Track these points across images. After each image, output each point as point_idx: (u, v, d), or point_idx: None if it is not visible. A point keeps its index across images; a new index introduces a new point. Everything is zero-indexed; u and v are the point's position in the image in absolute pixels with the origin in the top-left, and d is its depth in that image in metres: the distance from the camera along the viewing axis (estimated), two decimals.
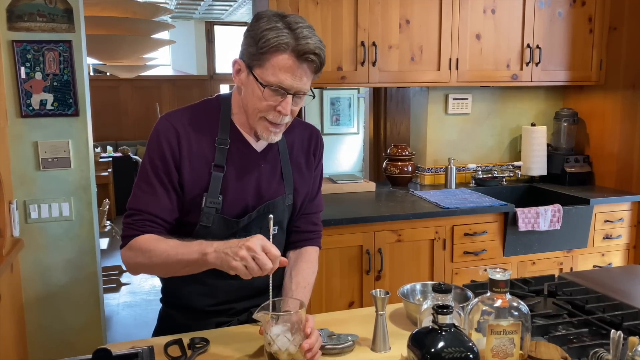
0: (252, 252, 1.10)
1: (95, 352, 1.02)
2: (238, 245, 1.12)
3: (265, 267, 1.10)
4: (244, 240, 1.12)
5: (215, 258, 1.15)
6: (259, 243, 1.11)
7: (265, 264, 1.10)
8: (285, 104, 1.26)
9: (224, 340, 1.31)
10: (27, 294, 2.51)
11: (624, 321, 1.33)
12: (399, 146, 3.28)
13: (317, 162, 1.52)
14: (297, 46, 1.20)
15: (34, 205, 2.47)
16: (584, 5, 3.11)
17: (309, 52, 1.21)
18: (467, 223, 2.71)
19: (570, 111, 3.33)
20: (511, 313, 1.05)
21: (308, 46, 1.21)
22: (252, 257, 1.10)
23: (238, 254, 1.10)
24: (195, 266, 1.23)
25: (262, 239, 1.13)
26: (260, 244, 1.11)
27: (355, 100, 7.40)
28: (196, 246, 1.21)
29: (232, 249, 1.12)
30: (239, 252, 1.10)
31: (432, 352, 0.95)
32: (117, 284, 4.79)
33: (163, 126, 1.32)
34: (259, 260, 1.10)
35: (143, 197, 1.31)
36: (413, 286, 1.50)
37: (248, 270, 1.11)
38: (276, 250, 1.13)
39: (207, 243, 1.19)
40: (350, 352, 1.27)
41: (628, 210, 2.99)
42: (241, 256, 1.10)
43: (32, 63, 2.39)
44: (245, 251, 1.10)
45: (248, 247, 1.10)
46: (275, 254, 1.12)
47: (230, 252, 1.12)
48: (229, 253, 1.12)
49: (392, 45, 2.81)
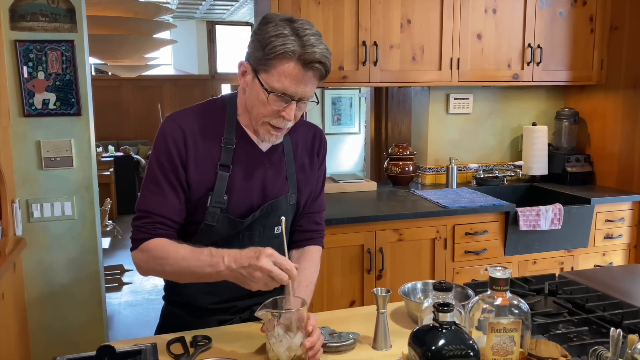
0: (266, 272, 1.12)
1: (100, 349, 1.03)
2: (251, 266, 1.14)
3: (282, 281, 1.13)
4: (254, 259, 1.14)
5: (231, 277, 1.19)
6: (269, 261, 1.13)
7: (282, 279, 1.13)
8: (290, 110, 1.27)
9: (226, 338, 1.31)
10: (29, 292, 2.53)
11: (624, 320, 1.33)
12: (400, 146, 3.28)
13: (321, 162, 1.53)
14: (304, 54, 1.21)
15: (36, 204, 2.48)
16: (585, 5, 3.11)
17: (315, 61, 1.22)
18: (468, 222, 2.72)
19: (572, 111, 3.34)
20: (511, 311, 1.05)
21: (314, 55, 1.21)
22: (268, 276, 1.13)
23: (254, 276, 1.14)
24: (209, 279, 1.24)
25: (272, 254, 1.14)
26: (271, 261, 1.13)
27: (357, 100, 7.41)
28: (207, 257, 1.21)
29: (246, 269, 1.15)
30: (254, 274, 1.13)
31: (433, 349, 0.96)
32: (118, 283, 4.81)
33: (169, 126, 1.33)
34: (275, 277, 1.13)
35: (152, 198, 1.32)
36: (414, 285, 1.50)
37: (268, 285, 1.15)
38: (288, 263, 1.15)
39: (217, 255, 1.20)
40: (351, 350, 1.28)
41: (629, 210, 2.99)
42: (257, 278, 1.13)
43: (35, 63, 2.40)
44: (259, 273, 1.13)
45: (261, 268, 1.12)
46: (287, 267, 1.14)
47: (246, 273, 1.15)
48: (244, 274, 1.15)
49: (394, 44, 2.82)
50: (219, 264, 1.19)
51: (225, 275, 1.19)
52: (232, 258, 1.18)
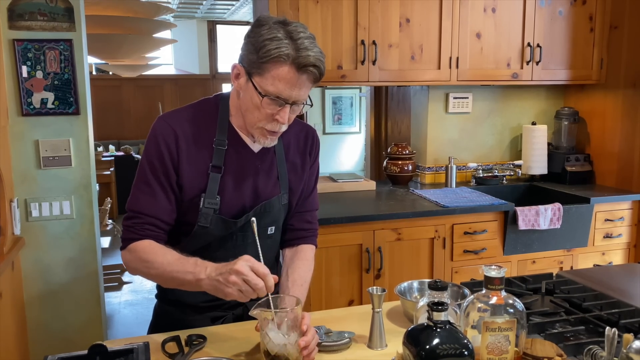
0: (241, 275, 1.11)
1: (91, 348, 1.03)
2: (227, 271, 1.13)
3: (257, 286, 1.11)
4: (232, 264, 1.13)
5: (209, 285, 1.17)
6: (246, 265, 1.12)
7: (257, 284, 1.11)
8: (284, 114, 1.27)
9: (221, 337, 1.31)
10: (28, 292, 2.53)
11: (620, 319, 1.33)
12: (400, 145, 3.28)
13: (313, 161, 1.53)
14: (298, 58, 1.20)
15: (34, 203, 2.48)
16: (584, 4, 3.10)
17: (310, 65, 1.21)
18: (467, 222, 2.71)
19: (571, 110, 3.33)
20: (506, 310, 1.05)
21: (308, 59, 1.21)
22: (242, 280, 1.11)
23: (229, 280, 1.12)
24: (190, 288, 1.24)
25: (249, 260, 1.14)
26: (247, 265, 1.12)
27: (357, 100, 7.41)
28: (191, 267, 1.21)
29: (222, 275, 1.14)
30: (229, 278, 1.12)
31: (427, 348, 0.95)
32: (118, 282, 4.81)
33: (161, 127, 1.33)
34: (249, 282, 1.11)
35: (142, 199, 1.32)
36: (410, 284, 1.50)
37: (243, 294, 1.13)
38: (264, 268, 1.13)
39: (201, 265, 1.20)
40: (346, 349, 1.27)
41: (628, 209, 2.98)
42: (232, 282, 1.12)
43: (33, 62, 2.40)
44: (234, 276, 1.11)
45: (236, 271, 1.11)
46: (264, 272, 1.13)
47: (222, 279, 1.14)
48: (220, 280, 1.14)
49: (392, 44, 2.81)
50: (201, 273, 1.19)
51: (204, 284, 1.18)
52: (213, 268, 1.18)
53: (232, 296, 1.14)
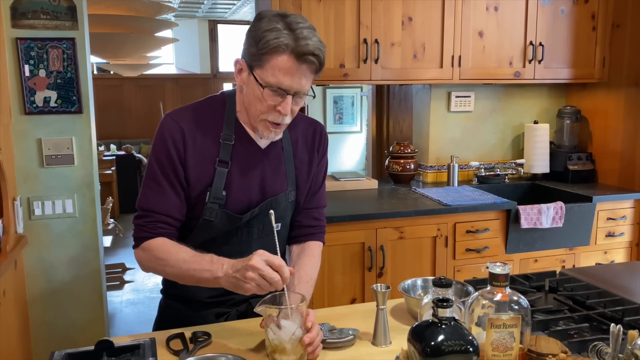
0: (257, 271, 1.12)
1: (98, 343, 1.03)
2: (244, 267, 1.14)
3: (273, 280, 1.13)
4: (247, 260, 1.15)
5: (227, 282, 1.19)
6: (261, 260, 1.13)
7: (273, 277, 1.12)
8: (285, 105, 1.27)
9: (226, 334, 1.32)
10: (30, 290, 2.53)
11: (624, 316, 1.33)
12: (402, 144, 3.28)
13: (321, 158, 1.53)
14: (297, 47, 1.20)
15: (37, 202, 2.48)
16: (587, 3, 3.10)
17: (308, 53, 1.21)
18: (469, 220, 2.71)
19: (573, 109, 3.33)
20: (511, 307, 1.05)
21: (307, 47, 1.21)
22: (259, 275, 1.12)
23: (246, 276, 1.13)
24: (206, 284, 1.25)
25: (263, 254, 1.15)
26: (262, 260, 1.13)
27: (359, 99, 7.39)
28: (207, 264, 1.22)
29: (239, 272, 1.15)
30: (246, 274, 1.13)
31: (432, 345, 0.95)
32: (120, 281, 4.81)
33: (168, 125, 1.33)
34: (266, 276, 1.12)
35: (152, 197, 1.32)
36: (414, 281, 1.50)
37: (261, 288, 1.14)
38: (279, 261, 1.15)
39: (217, 263, 1.21)
40: (351, 346, 1.28)
41: (631, 208, 2.98)
42: (250, 277, 1.13)
43: (36, 60, 2.40)
44: (251, 272, 1.13)
45: (252, 266, 1.13)
46: (279, 264, 1.14)
47: (239, 275, 1.15)
48: (238, 277, 1.16)
49: (395, 42, 2.81)
50: (218, 271, 1.20)
51: (223, 281, 1.20)
52: (230, 265, 1.19)
53: (251, 291, 1.16)
